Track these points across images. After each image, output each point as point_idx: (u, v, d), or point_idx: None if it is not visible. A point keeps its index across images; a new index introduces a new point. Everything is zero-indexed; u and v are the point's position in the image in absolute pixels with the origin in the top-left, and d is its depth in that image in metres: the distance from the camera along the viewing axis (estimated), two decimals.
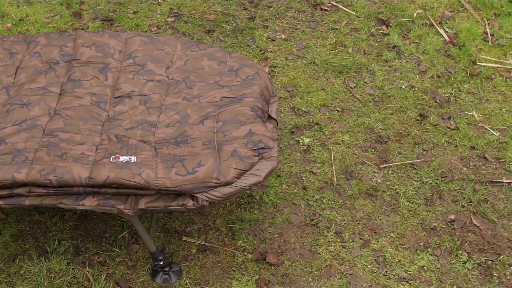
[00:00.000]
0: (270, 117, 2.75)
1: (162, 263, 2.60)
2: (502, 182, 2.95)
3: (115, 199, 2.38)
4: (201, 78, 2.76)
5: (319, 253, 2.69)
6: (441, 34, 3.74)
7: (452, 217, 2.81)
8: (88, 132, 2.55)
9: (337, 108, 3.31)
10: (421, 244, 2.73)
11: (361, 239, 2.75)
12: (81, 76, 2.76)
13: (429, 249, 2.70)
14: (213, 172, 2.35)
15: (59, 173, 2.33)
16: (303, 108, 3.30)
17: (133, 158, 2.40)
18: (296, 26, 3.83)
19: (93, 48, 2.87)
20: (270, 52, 3.64)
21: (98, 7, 3.97)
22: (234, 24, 3.83)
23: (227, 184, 2.38)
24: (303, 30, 3.79)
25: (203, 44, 2.96)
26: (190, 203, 2.36)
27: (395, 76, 3.49)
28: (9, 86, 2.77)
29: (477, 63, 3.54)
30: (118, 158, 2.41)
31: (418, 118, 3.25)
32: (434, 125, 3.21)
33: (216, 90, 2.71)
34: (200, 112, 2.62)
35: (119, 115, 2.62)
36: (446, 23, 3.82)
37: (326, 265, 2.65)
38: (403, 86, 3.42)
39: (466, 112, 3.28)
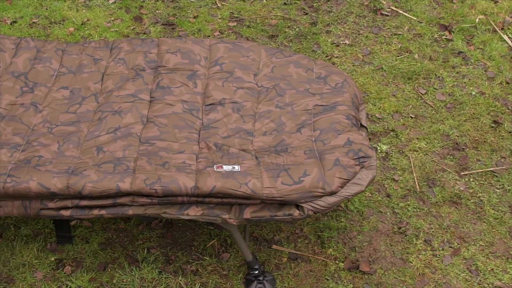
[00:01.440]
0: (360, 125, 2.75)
1: (257, 272, 2.58)
2: None
3: (219, 208, 2.36)
4: (290, 85, 2.75)
5: (411, 262, 2.69)
6: (504, 40, 3.74)
7: None
8: (185, 140, 2.53)
9: (411, 115, 3.30)
10: None
11: (450, 247, 2.74)
12: (170, 83, 2.74)
13: None
14: (319, 182, 2.33)
15: (164, 182, 2.31)
16: (376, 115, 3.29)
17: (236, 167, 2.39)
18: (358, 31, 3.82)
19: (178, 55, 2.85)
20: (336, 57, 3.63)
21: (157, 11, 3.94)
22: (297, 29, 3.82)
23: (331, 193, 2.36)
24: (367, 36, 3.78)
25: (286, 51, 2.95)
26: (296, 212, 2.34)
27: (464, 83, 3.48)
28: (97, 93, 2.74)
29: None
30: (221, 167, 2.39)
31: (493, 125, 3.25)
32: (509, 132, 3.21)
33: (307, 98, 2.69)
34: (295, 120, 2.61)
35: (213, 123, 2.60)
36: (509, 28, 3.82)
37: (419, 274, 2.64)
38: (473, 93, 3.42)
39: None
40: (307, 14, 3.94)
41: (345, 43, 3.73)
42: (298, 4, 4.00)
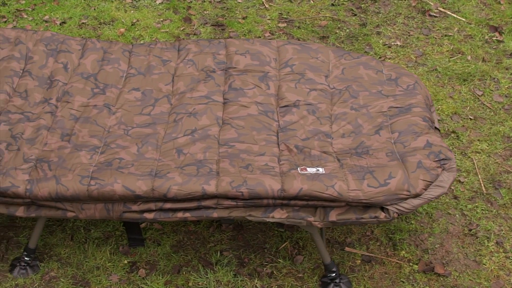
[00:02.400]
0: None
1: (334, 274, 2.57)
2: None
3: (304, 211, 2.35)
4: (363, 87, 2.74)
5: (484, 264, 2.68)
6: None
7: None
8: (265, 142, 2.51)
9: (469, 116, 3.30)
10: None
11: None
12: (242, 84, 2.73)
13: None
14: (404, 184, 2.32)
15: (250, 185, 2.29)
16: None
17: (321, 170, 2.37)
18: (409, 32, 3.81)
19: (248, 56, 2.83)
20: (389, 59, 3.62)
21: (205, 12, 3.92)
22: (347, 30, 3.81)
23: (416, 195, 2.35)
24: (417, 37, 3.77)
25: (353, 52, 2.94)
26: (382, 215, 2.33)
27: None
28: (169, 94, 2.72)
29: None
30: (306, 169, 2.37)
31: None
32: None
33: (381, 100, 2.68)
34: (372, 122, 2.60)
35: (290, 125, 2.59)
36: None
37: (494, 276, 2.64)
38: None
39: None
40: (355, 15, 3.93)
41: (397, 44, 3.72)
42: (346, 5, 3.99)
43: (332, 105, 2.68)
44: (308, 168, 2.38)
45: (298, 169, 2.37)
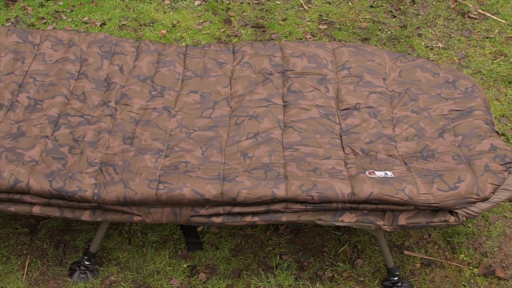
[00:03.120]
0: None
1: (396, 278, 2.56)
2: None
3: (374, 215, 2.34)
4: (422, 90, 2.72)
5: None
6: None
7: None
8: (329, 146, 2.50)
9: None
10: None
11: None
12: (301, 87, 2.71)
13: None
14: (473, 188, 2.31)
15: (320, 189, 2.28)
16: None
17: (389, 173, 2.36)
18: (450, 34, 3.80)
19: (304, 59, 2.82)
20: (432, 61, 3.61)
21: (244, 13, 3.91)
22: (388, 32, 3.80)
23: (484, 199, 2.34)
24: (459, 39, 3.77)
25: (408, 55, 2.92)
26: (451, 219, 2.32)
27: None
28: (228, 97, 2.71)
29: None
30: (374, 173, 2.36)
31: None
32: None
33: (441, 103, 2.67)
34: (434, 125, 2.58)
35: (353, 128, 2.57)
36: None
37: None
38: None
39: None
40: (395, 17, 3.92)
41: (439, 47, 3.71)
42: (385, 7, 3.98)
43: (393, 108, 2.67)
44: (376, 172, 2.37)
45: (366, 173, 2.36)
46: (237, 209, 2.32)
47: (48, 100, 2.64)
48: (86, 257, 2.56)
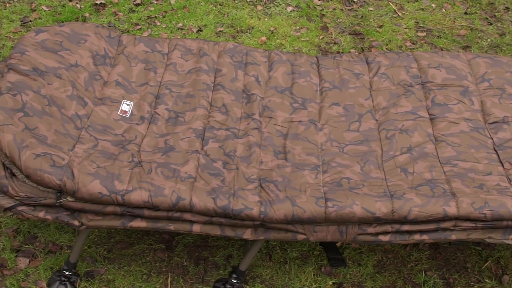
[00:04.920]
0: None
1: None
2: None
3: None
4: None
5: None
6: None
7: None
8: (487, 161, 2.43)
9: None
10: None
11: None
12: (445, 100, 2.65)
13: None
14: None
15: (492, 206, 2.21)
16: None
17: None
18: None
19: (442, 70, 2.76)
20: None
21: (338, 20, 3.84)
22: (489, 40, 3.75)
23: None
24: None
25: None
26: None
27: None
28: (371, 109, 2.64)
29: None
30: None
31: None
32: None
33: None
34: None
35: (506, 142, 2.51)
36: None
37: None
38: None
39: None
40: (491, 24, 3.87)
41: None
42: (479, 14, 3.93)
43: None
44: None
45: None
46: (406, 227, 2.25)
47: (189, 112, 2.55)
48: (234, 275, 2.48)
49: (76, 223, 2.26)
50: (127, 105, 2.56)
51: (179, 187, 2.22)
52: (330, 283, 2.56)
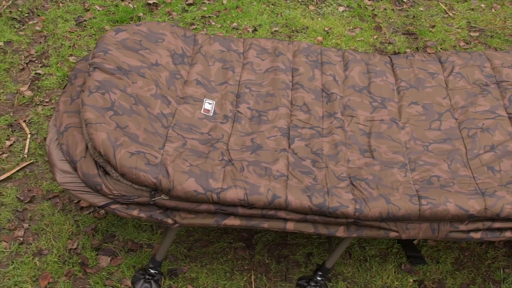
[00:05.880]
0: None
1: None
2: None
3: None
4: None
5: None
6: None
7: None
8: None
9: None
10: None
11: None
12: None
13: None
14: None
15: None
16: None
17: None
18: None
19: None
20: None
21: (390, 20, 3.86)
22: None
23: None
24: None
25: None
26: None
27: None
28: (450, 108, 2.66)
29: None
30: None
31: None
32: None
33: None
34: None
35: None
36: None
37: None
38: None
39: None
40: None
41: None
42: None
43: None
44: None
45: None
46: (497, 225, 2.27)
47: (272, 111, 2.57)
48: (320, 273, 2.50)
49: (170, 221, 2.27)
50: (209, 104, 2.57)
51: (273, 185, 2.24)
52: (411, 280, 2.58)
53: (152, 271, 2.49)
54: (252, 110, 2.58)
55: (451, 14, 3.91)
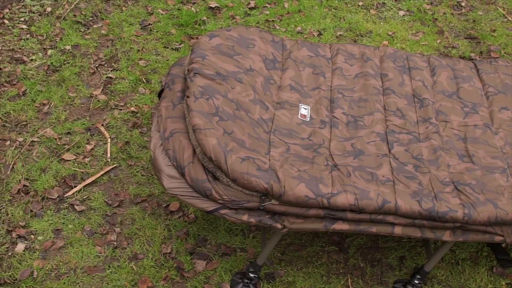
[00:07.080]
0: None
1: None
2: None
3: None
4: None
5: None
6: None
7: None
8: None
9: None
10: None
11: None
12: None
13: None
14: None
15: None
16: None
17: None
18: None
19: None
20: None
21: (451, 24, 3.90)
22: None
23: None
24: None
25: None
26: None
27: None
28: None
29: None
30: None
31: None
32: None
33: None
34: None
35: None
36: None
37: None
38: None
39: None
40: None
41: None
42: None
43: None
44: None
45: None
46: None
47: (367, 116, 2.59)
48: (418, 276, 2.53)
49: (279, 226, 2.29)
50: (305, 109, 2.59)
51: (382, 190, 2.26)
52: (504, 283, 2.61)
53: (251, 275, 2.51)
54: (347, 115, 2.60)
55: (510, 19, 3.95)
